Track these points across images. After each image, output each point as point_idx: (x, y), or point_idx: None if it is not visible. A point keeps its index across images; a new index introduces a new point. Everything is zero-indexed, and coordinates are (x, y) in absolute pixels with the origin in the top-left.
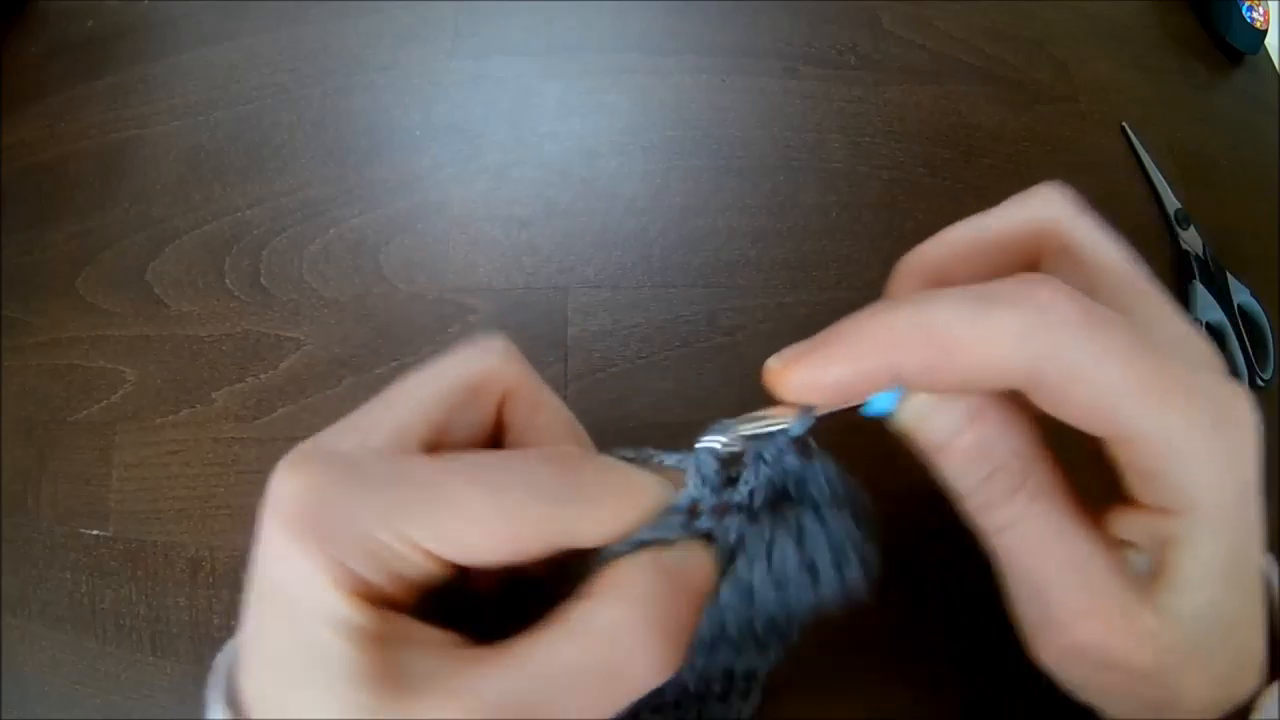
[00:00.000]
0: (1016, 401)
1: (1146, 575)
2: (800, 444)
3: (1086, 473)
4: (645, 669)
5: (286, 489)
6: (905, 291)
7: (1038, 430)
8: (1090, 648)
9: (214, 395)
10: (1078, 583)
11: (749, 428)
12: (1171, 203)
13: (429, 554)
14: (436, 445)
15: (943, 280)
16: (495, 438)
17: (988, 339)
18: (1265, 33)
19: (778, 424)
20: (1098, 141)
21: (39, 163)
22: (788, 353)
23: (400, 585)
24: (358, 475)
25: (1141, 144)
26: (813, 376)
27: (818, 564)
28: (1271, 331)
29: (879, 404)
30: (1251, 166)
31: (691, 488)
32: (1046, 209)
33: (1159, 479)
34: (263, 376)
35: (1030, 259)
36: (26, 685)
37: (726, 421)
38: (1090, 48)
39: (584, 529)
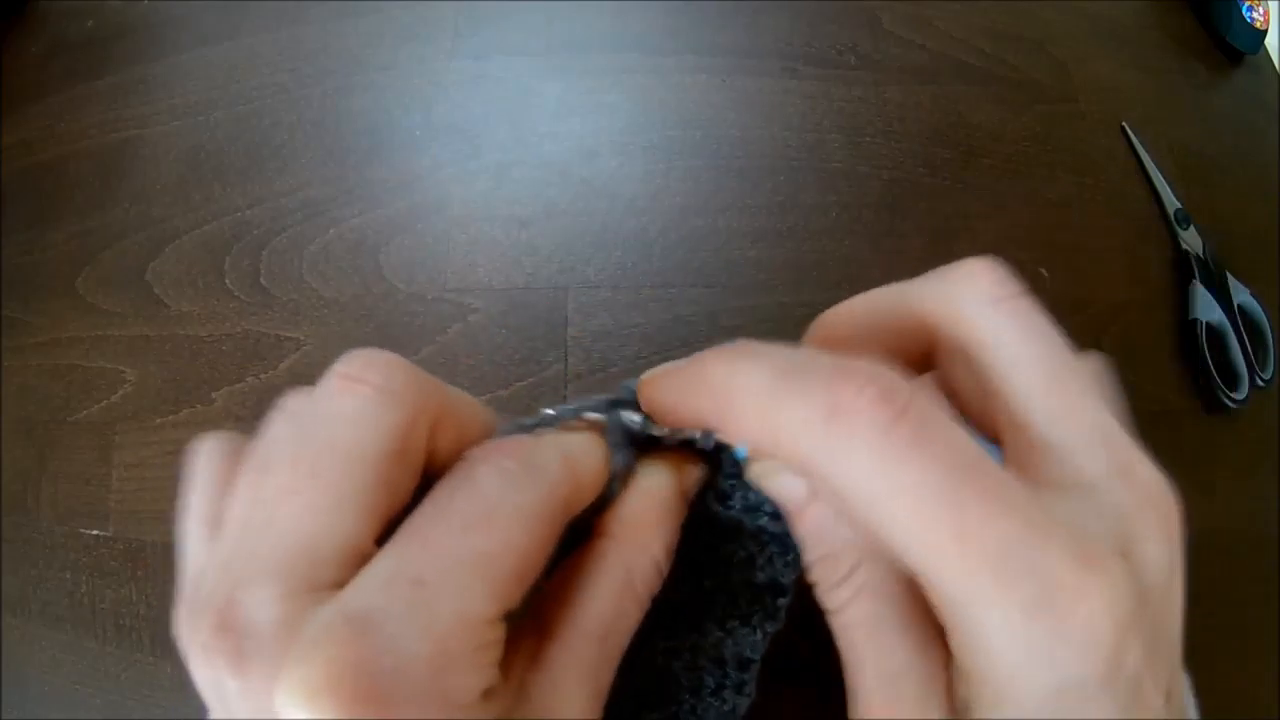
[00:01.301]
0: None
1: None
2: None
3: None
4: (632, 609)
5: (326, 695)
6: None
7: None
8: None
9: (214, 395)
10: (882, 692)
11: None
12: (1171, 203)
13: (490, 618)
14: (383, 518)
15: (848, 347)
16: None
17: (766, 422)
18: (1265, 33)
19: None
20: (1098, 141)
21: (39, 163)
22: (658, 369)
23: (489, 656)
24: (375, 619)
25: (1141, 144)
26: (657, 400)
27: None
28: (1271, 331)
29: (740, 450)
30: (1251, 166)
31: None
32: (946, 295)
33: (951, 635)
34: (263, 376)
35: (927, 348)
36: (26, 685)
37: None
38: (1090, 48)
39: (572, 494)
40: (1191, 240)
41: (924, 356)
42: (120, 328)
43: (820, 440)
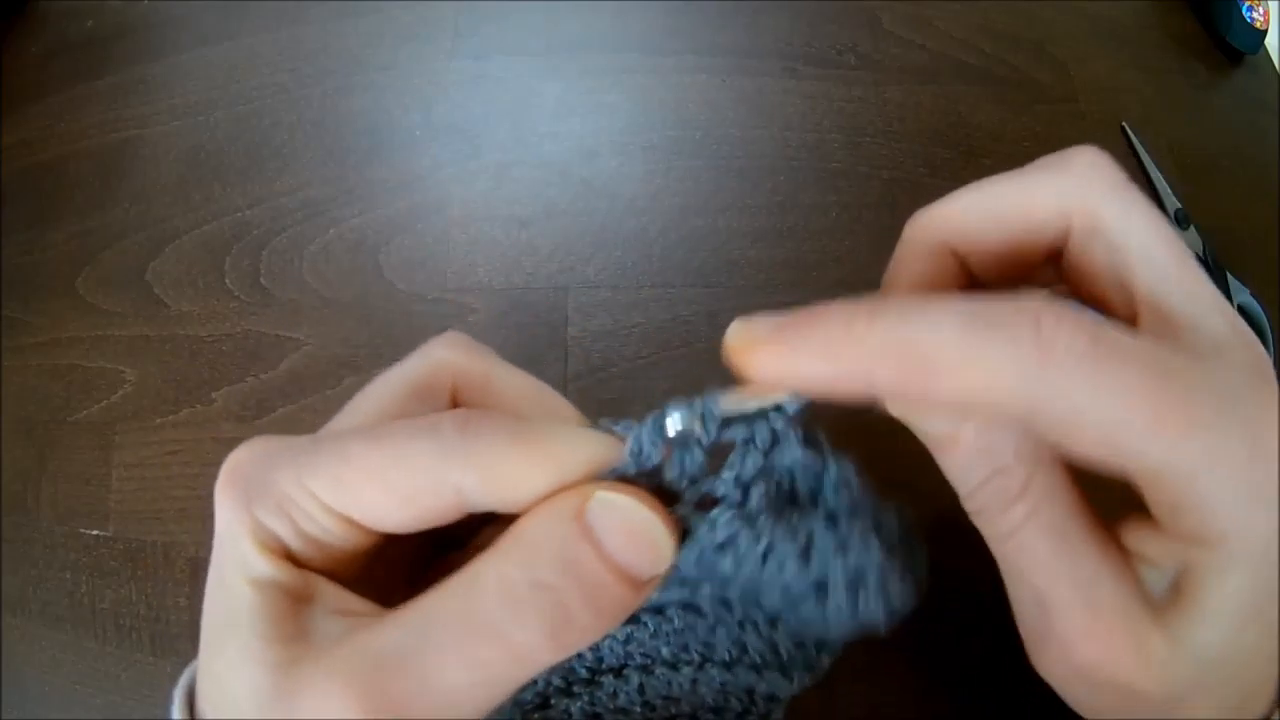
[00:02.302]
0: None
1: (1163, 595)
2: (806, 433)
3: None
4: (532, 636)
5: (230, 460)
6: (911, 264)
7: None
8: (1093, 668)
9: (214, 395)
10: (1082, 600)
11: (729, 405)
12: (1172, 203)
13: (336, 515)
14: None
15: (954, 253)
16: None
17: (977, 370)
18: (1265, 33)
19: (768, 402)
20: (1098, 141)
21: (39, 163)
22: (755, 327)
23: (318, 551)
24: (285, 444)
25: (1141, 144)
26: (782, 365)
27: (828, 583)
28: (1271, 331)
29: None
30: (1251, 166)
31: (628, 455)
32: (1079, 185)
33: (1185, 513)
34: (263, 376)
35: (1056, 238)
36: (26, 685)
37: (700, 397)
38: (1090, 48)
39: (484, 487)
40: (1191, 240)
41: (1041, 247)
42: (120, 328)
43: (1039, 373)
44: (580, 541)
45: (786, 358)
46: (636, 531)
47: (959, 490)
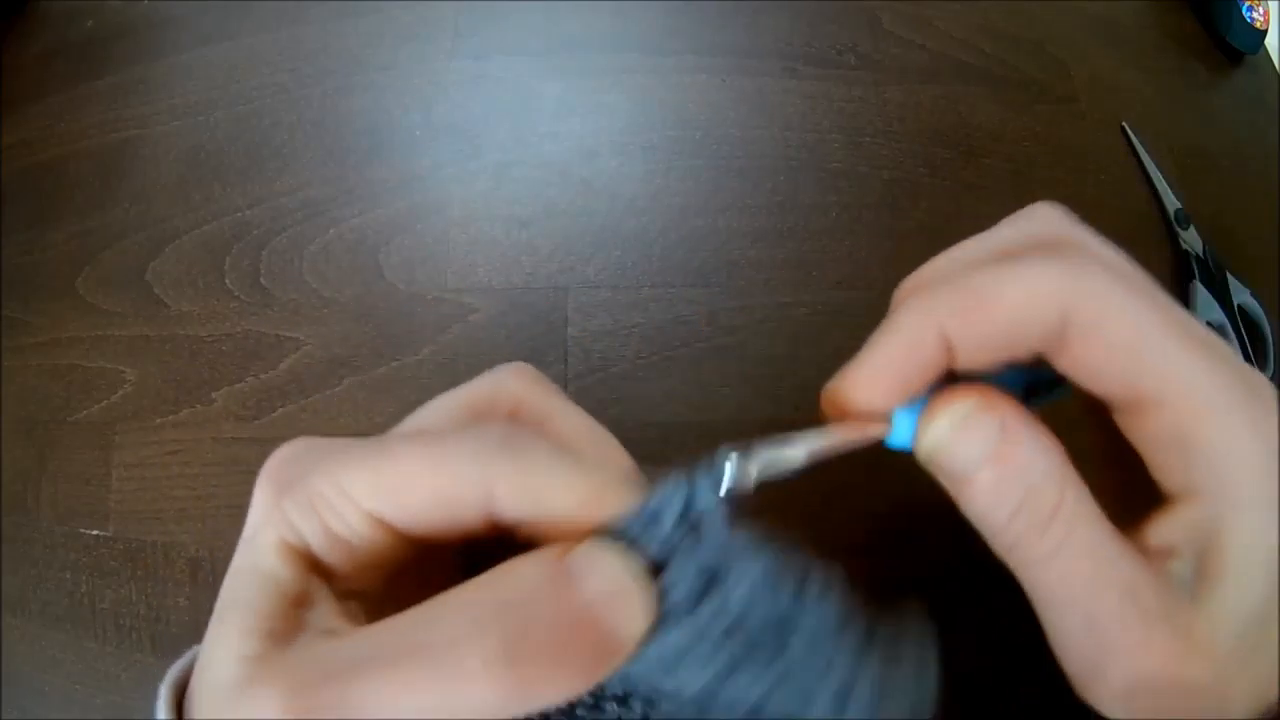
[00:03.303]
0: (1043, 424)
1: (1191, 582)
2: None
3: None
4: (480, 662)
5: (274, 455)
6: (897, 349)
7: (1064, 450)
8: (1155, 675)
9: (214, 395)
10: (1134, 611)
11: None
12: (1172, 203)
13: (366, 516)
14: None
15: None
16: None
17: (1025, 284)
18: (1265, 33)
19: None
20: (1098, 141)
21: (39, 163)
22: (844, 371)
23: (343, 554)
24: (329, 443)
25: (1141, 144)
26: (871, 372)
27: (810, 692)
28: (1271, 331)
29: (900, 436)
30: (1251, 166)
31: (642, 514)
32: (1041, 228)
33: (1192, 450)
34: (263, 376)
35: (1046, 334)
36: (26, 685)
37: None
38: (1090, 48)
39: (516, 495)
40: (1191, 240)
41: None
42: (120, 328)
43: (1077, 278)
44: (558, 577)
45: (870, 361)
46: (615, 591)
47: (990, 529)
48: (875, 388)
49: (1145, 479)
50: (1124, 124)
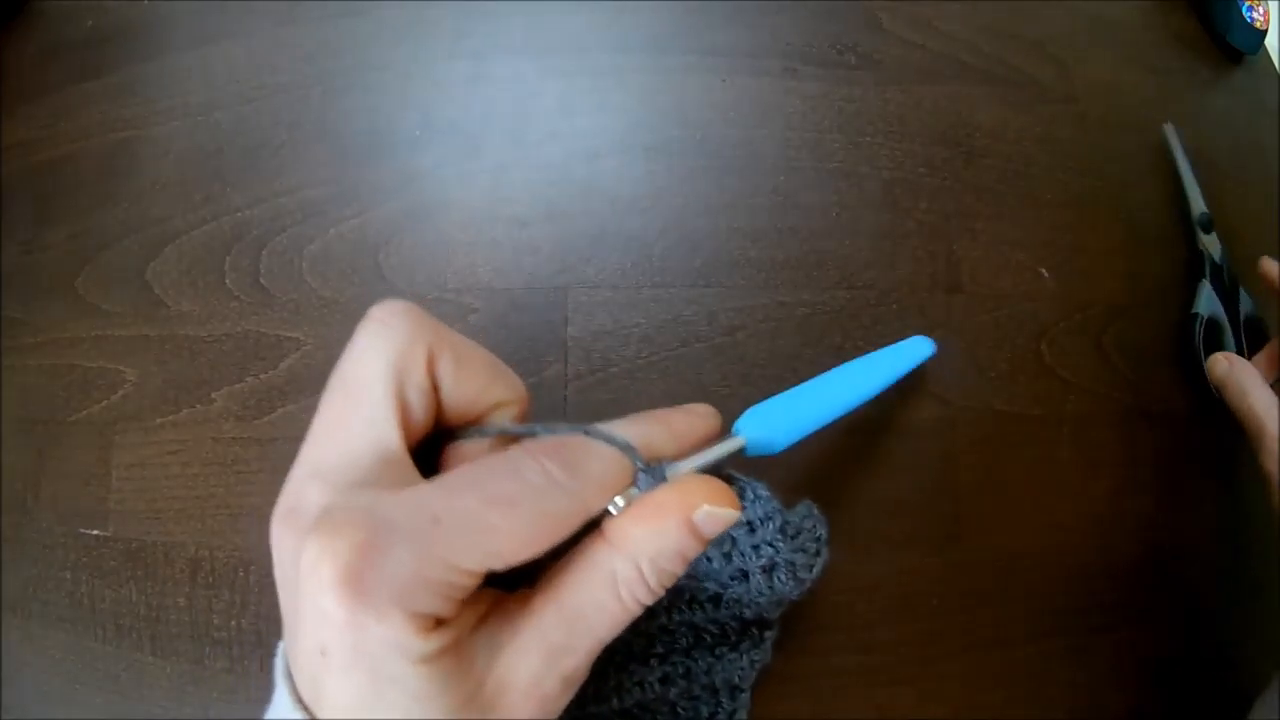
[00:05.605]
0: None
1: None
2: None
3: None
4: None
5: (330, 560)
6: None
7: None
8: None
9: (214, 395)
10: None
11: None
12: (1199, 206)
13: (473, 572)
14: (406, 430)
15: None
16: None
17: None
18: (1265, 33)
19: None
20: (1098, 141)
21: (39, 163)
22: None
23: (454, 599)
24: (390, 530)
25: (1181, 145)
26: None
27: (748, 571)
28: (1272, 331)
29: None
30: (1251, 167)
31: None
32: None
33: None
34: (263, 376)
35: None
36: (26, 685)
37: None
38: (1090, 48)
39: (594, 507)
40: (1211, 245)
41: None
42: (120, 328)
43: None
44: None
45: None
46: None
47: None
48: None
49: None
50: (1165, 126)
